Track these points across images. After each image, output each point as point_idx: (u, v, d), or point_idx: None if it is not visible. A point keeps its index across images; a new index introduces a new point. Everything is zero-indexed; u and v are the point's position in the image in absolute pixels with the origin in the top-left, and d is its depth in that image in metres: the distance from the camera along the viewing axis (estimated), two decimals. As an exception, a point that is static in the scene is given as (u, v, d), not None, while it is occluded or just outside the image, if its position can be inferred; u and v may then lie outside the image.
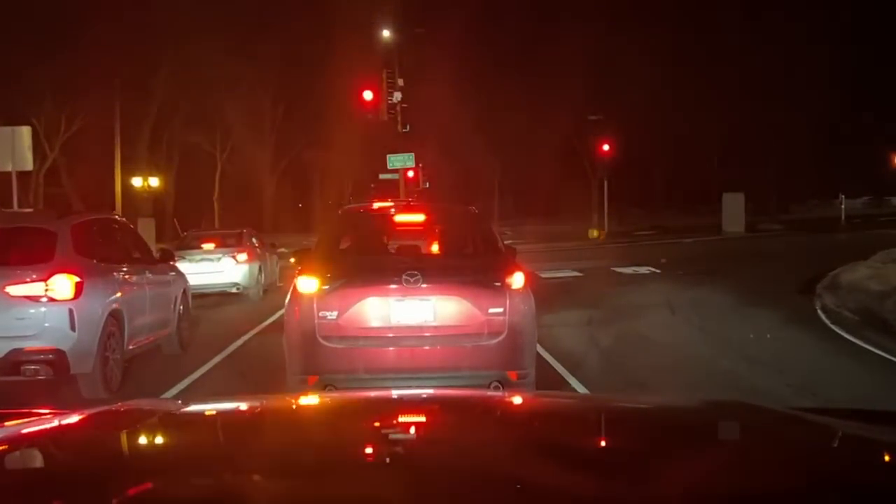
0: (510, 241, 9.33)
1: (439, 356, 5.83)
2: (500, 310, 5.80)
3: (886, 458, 1.59)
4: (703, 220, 38.00)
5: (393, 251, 6.89)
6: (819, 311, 11.38)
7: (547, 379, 6.90)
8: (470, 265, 6.34)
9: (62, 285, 6.63)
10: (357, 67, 29.14)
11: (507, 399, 2.56)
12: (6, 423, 1.77)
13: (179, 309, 9.30)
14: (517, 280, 5.92)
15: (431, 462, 1.47)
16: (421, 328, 5.83)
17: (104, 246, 7.80)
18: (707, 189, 45.70)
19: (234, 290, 15.21)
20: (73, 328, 6.63)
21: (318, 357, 5.77)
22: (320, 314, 5.77)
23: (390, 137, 28.78)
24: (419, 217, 7.09)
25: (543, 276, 16.08)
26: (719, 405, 2.09)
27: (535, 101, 40.66)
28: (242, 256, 15.45)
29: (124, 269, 7.92)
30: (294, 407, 2.17)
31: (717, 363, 8.24)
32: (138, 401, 2.61)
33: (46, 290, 6.59)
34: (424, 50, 32.96)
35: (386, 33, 28.74)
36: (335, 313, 5.77)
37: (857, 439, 1.67)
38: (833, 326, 10.23)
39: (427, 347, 5.85)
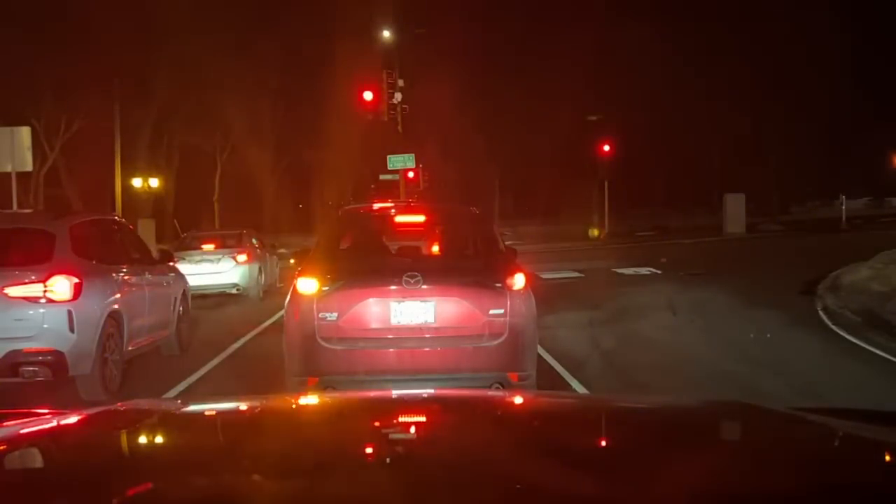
0: (510, 242, 9.31)
1: (440, 358, 5.82)
2: (501, 311, 5.79)
3: (887, 458, 1.58)
4: (703, 221, 38.00)
5: (393, 252, 6.88)
6: (820, 312, 11.36)
7: (548, 380, 6.89)
8: (470, 266, 6.33)
9: (61, 286, 6.62)
10: (357, 68, 29.12)
11: (508, 399, 2.55)
12: (5, 424, 1.77)
13: (179, 310, 9.29)
14: (518, 281, 5.91)
15: (431, 462, 1.47)
16: (421, 329, 5.82)
17: (103, 247, 7.79)
18: (707, 189, 45.70)
19: (233, 290, 15.23)
20: (71, 329, 6.62)
21: (317, 358, 5.76)
22: (320, 315, 5.76)
23: (390, 138, 28.78)
24: (419, 218, 7.07)
25: (544, 276, 16.08)
26: (720, 405, 2.09)
27: (535, 101, 40.67)
28: (242, 257, 15.46)
29: (123, 270, 7.91)
30: (294, 407, 2.17)
31: (719, 364, 8.23)
32: (138, 401, 2.61)
33: (45, 291, 6.57)
34: (425, 50, 32.98)
35: (386, 33, 28.72)
36: (335, 314, 5.76)
37: (858, 439, 1.67)
38: (834, 327, 10.21)
39: (427, 349, 5.84)
